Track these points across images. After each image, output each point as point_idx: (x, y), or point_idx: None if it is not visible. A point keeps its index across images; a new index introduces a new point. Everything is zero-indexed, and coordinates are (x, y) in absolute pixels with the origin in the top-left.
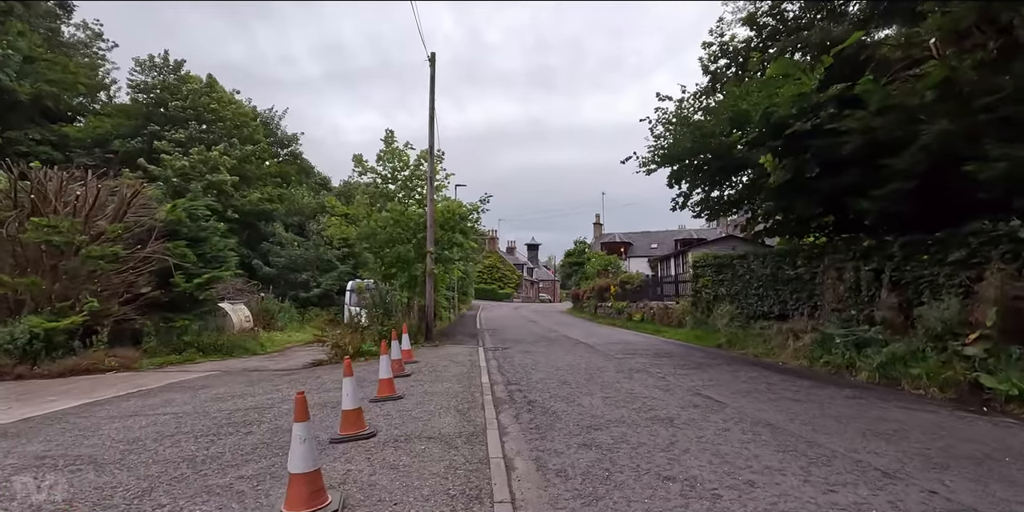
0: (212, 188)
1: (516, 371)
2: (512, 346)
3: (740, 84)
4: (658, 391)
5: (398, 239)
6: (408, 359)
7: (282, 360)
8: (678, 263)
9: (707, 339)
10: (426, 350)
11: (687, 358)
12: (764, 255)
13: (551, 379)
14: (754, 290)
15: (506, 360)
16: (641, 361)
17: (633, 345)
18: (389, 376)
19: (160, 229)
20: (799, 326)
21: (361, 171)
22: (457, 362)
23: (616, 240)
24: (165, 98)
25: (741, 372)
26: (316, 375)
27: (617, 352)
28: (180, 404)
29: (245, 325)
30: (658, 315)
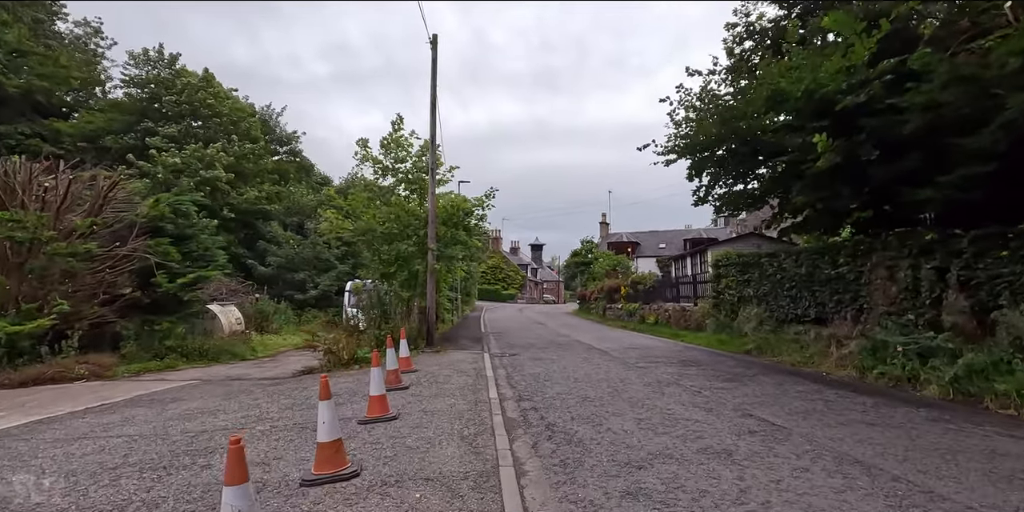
0: (206, 185)
1: (528, 383)
2: (520, 352)
3: (775, 62)
4: (699, 411)
5: (398, 235)
6: (406, 368)
7: (271, 367)
8: (695, 262)
9: (732, 344)
10: (427, 357)
11: (718, 367)
12: (798, 253)
13: (570, 394)
14: (786, 291)
15: (515, 369)
16: (668, 371)
17: (653, 351)
18: (381, 392)
19: (142, 225)
20: (842, 331)
21: (363, 157)
22: (461, 371)
23: (623, 240)
24: (159, 93)
25: (786, 385)
26: (303, 386)
27: (637, 359)
28: (140, 423)
29: (236, 328)
30: (674, 318)
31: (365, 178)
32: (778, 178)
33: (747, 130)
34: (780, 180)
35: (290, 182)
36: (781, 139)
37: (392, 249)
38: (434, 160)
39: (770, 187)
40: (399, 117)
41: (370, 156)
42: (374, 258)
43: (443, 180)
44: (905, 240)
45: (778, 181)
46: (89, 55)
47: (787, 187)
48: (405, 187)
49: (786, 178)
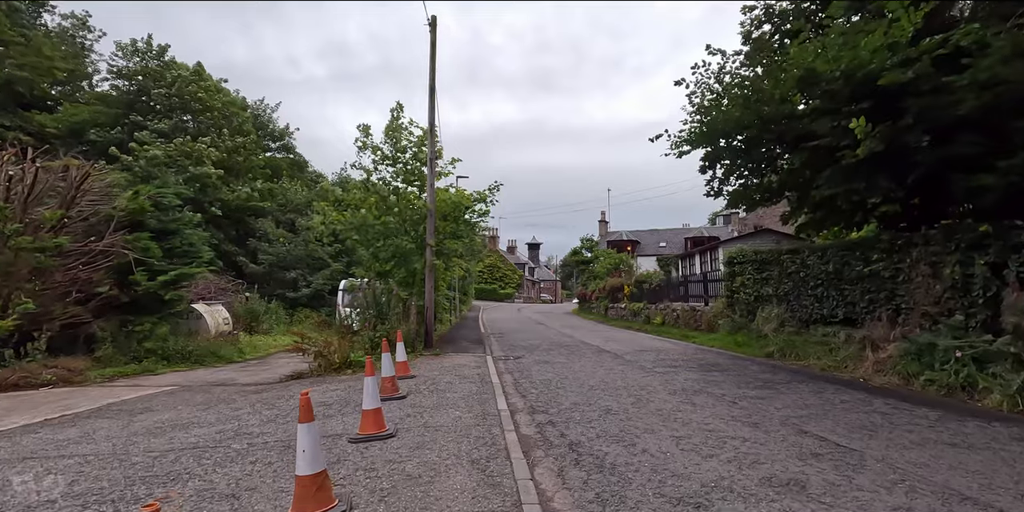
0: (195, 181)
1: (539, 391)
2: (525, 355)
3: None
4: (744, 427)
5: (396, 231)
6: (403, 373)
7: (259, 370)
8: (704, 260)
9: (751, 347)
10: (425, 360)
11: (744, 373)
12: (824, 249)
13: (589, 405)
14: (810, 290)
15: (522, 374)
16: (690, 376)
17: (667, 354)
18: (376, 406)
19: (121, 219)
20: (877, 333)
21: (363, 145)
22: (463, 377)
23: (623, 238)
24: (148, 85)
25: (827, 394)
26: (291, 393)
27: (653, 363)
28: (101, 439)
29: (223, 328)
30: (683, 318)
31: (364, 166)
32: (802, 168)
33: (772, 114)
34: (805, 170)
35: (283, 178)
36: (810, 125)
37: (389, 245)
38: (433, 150)
39: (789, 179)
40: (399, 104)
41: (370, 144)
42: (370, 255)
43: (444, 172)
44: (952, 234)
45: (801, 172)
46: (76, 48)
47: (812, 178)
48: (404, 178)
49: (813, 168)
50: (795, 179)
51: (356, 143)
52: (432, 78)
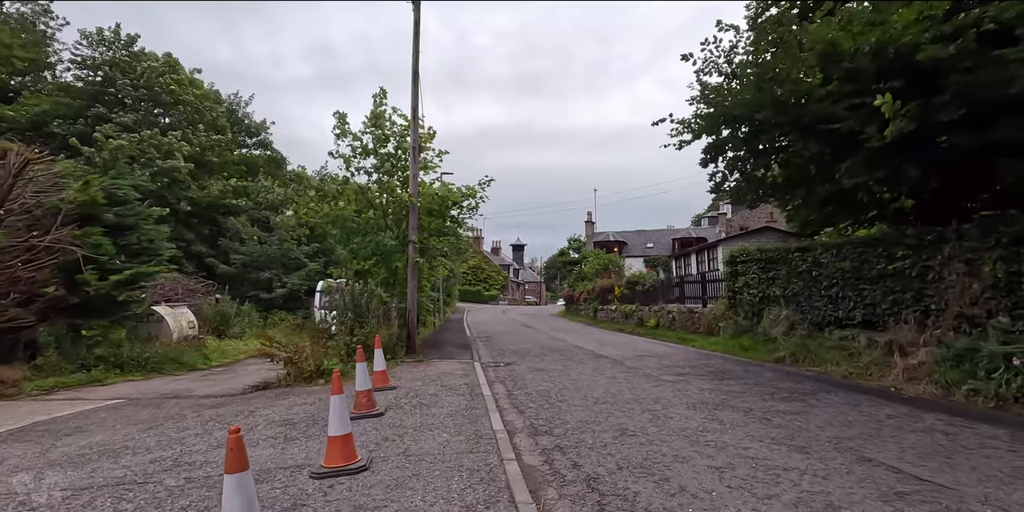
0: (163, 176)
1: (538, 405)
2: (516, 361)
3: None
4: (792, 452)
5: (376, 227)
6: (382, 384)
7: (222, 379)
8: (701, 260)
9: (759, 351)
10: (407, 368)
11: (761, 381)
12: (839, 246)
13: (599, 423)
14: (824, 290)
15: (516, 384)
16: (704, 386)
17: (670, 359)
18: (344, 431)
19: (70, 212)
20: (905, 337)
21: (341, 132)
22: (450, 388)
23: (610, 239)
24: (115, 76)
25: (864, 407)
26: (251, 408)
27: (658, 370)
28: (5, 472)
29: (188, 332)
30: (680, 320)
31: (343, 154)
32: (814, 159)
33: (787, 95)
34: (818, 160)
35: (259, 176)
36: (830, 106)
37: (369, 241)
38: (416, 138)
39: (797, 173)
40: (382, 90)
41: (349, 131)
42: (348, 253)
43: (431, 166)
44: (992, 227)
45: (810, 163)
46: (38, 35)
47: (826, 168)
48: (386, 170)
49: (831, 155)
50: (802, 172)
51: (334, 131)
52: (415, 60)
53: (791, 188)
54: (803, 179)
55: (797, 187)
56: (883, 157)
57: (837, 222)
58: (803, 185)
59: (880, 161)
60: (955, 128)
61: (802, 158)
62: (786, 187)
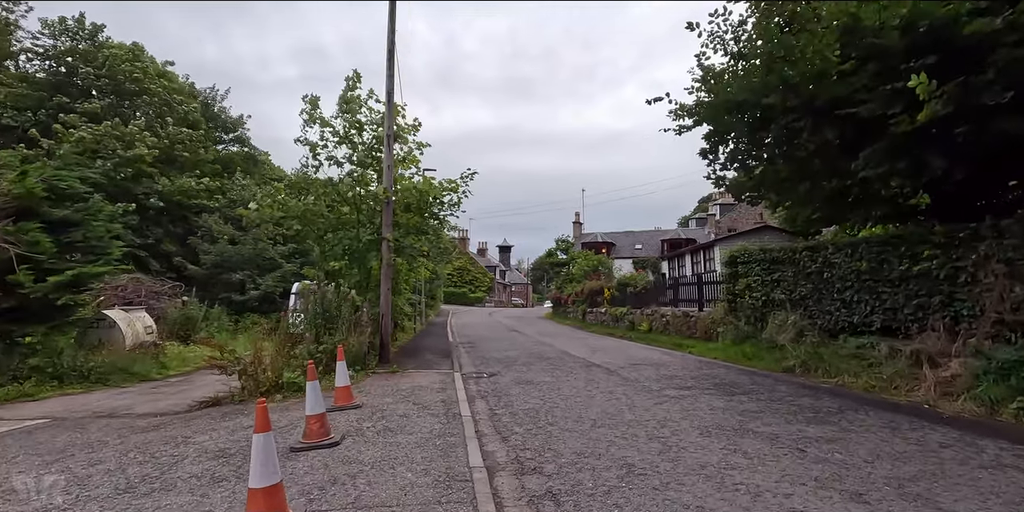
0: (126, 167)
1: (525, 429)
2: (501, 371)
3: None
4: (852, 504)
5: (348, 222)
6: (344, 402)
7: (172, 392)
8: (696, 260)
9: (763, 359)
10: (378, 380)
11: (776, 396)
12: (854, 245)
13: (599, 455)
14: (836, 293)
15: (500, 400)
16: (715, 404)
17: (668, 368)
18: (270, 482)
19: (6, 206)
20: (934, 346)
21: (310, 118)
22: (423, 406)
23: (598, 240)
24: (77, 66)
25: (905, 431)
26: (189, 433)
27: (658, 382)
28: None
29: (145, 338)
30: (674, 324)
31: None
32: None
33: (802, 79)
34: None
35: (236, 174)
36: (846, 89)
37: (340, 239)
38: (392, 125)
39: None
40: (355, 74)
41: (318, 116)
42: (319, 252)
43: (411, 159)
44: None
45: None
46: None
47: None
48: (360, 161)
49: (842, 146)
50: (807, 166)
51: (301, 115)
52: (391, 35)
53: (796, 182)
54: (808, 173)
55: (801, 181)
56: (908, 145)
57: (843, 220)
58: (808, 179)
59: (903, 150)
60: (999, 112)
61: (807, 151)
62: (791, 181)
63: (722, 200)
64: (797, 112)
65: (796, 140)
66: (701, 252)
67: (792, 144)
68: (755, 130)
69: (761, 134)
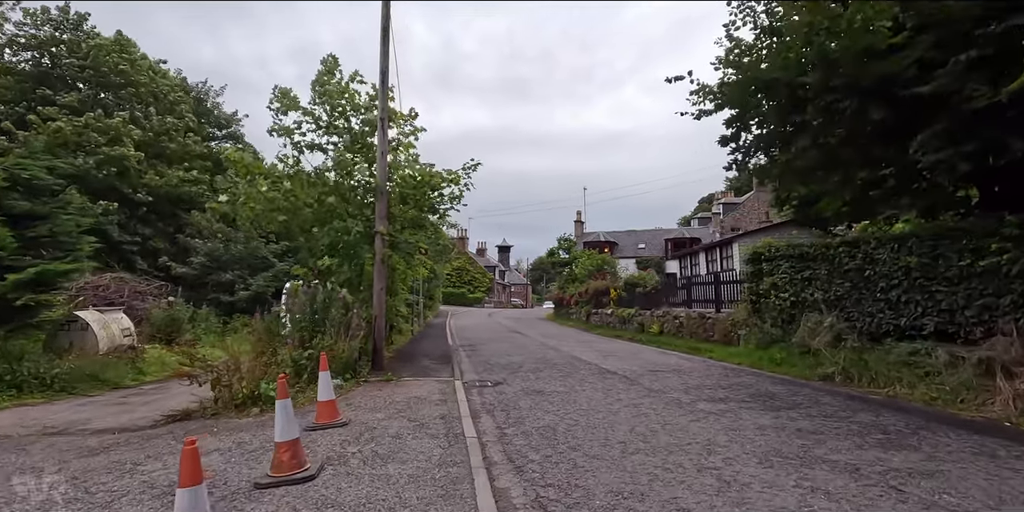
0: (109, 164)
1: (542, 455)
2: (507, 378)
3: None
4: None
5: (336, 213)
6: (328, 419)
7: (140, 403)
8: (711, 259)
9: (795, 365)
10: (370, 391)
11: (828, 411)
12: (902, 238)
13: (640, 494)
14: (880, 293)
15: (509, 416)
16: (760, 421)
17: (692, 376)
18: None
19: None
20: (1006, 353)
21: (283, 107)
22: (420, 424)
23: (600, 239)
24: (61, 56)
25: (1010, 461)
26: (139, 457)
27: (686, 393)
28: None
29: (122, 341)
30: (688, 327)
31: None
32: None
33: (846, 51)
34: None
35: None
36: (899, 65)
37: (329, 232)
38: (385, 107)
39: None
40: (332, 57)
41: (295, 103)
42: (305, 248)
43: (406, 144)
44: None
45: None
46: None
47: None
48: (345, 143)
49: (900, 125)
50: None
51: (270, 106)
52: (386, 8)
53: (828, 171)
54: (840, 161)
55: (833, 170)
56: (976, 125)
57: (874, 213)
58: (840, 167)
59: (969, 131)
60: None
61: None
62: (823, 169)
63: (725, 199)
64: (838, 92)
65: (835, 123)
66: (718, 249)
67: (828, 128)
68: (786, 113)
69: (793, 117)
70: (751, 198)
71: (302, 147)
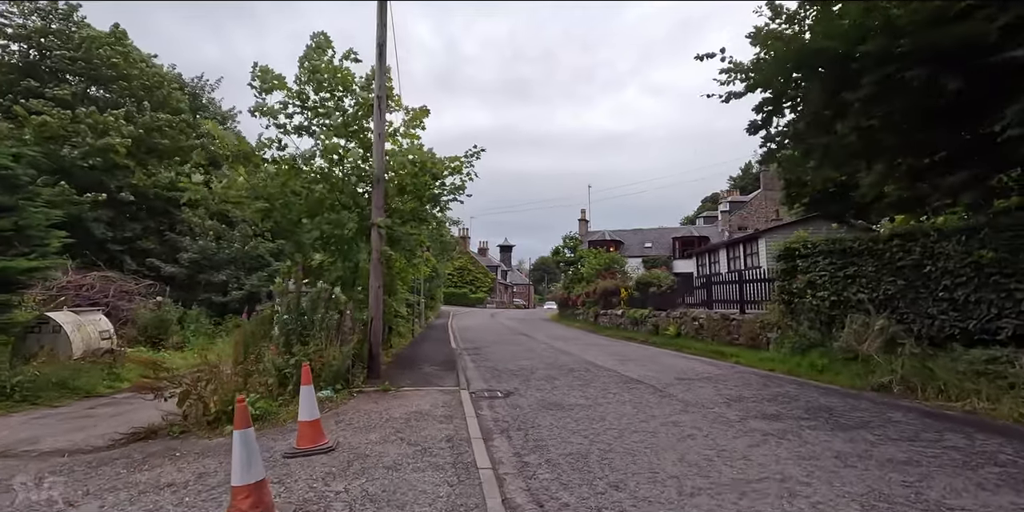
0: (95, 156)
1: (578, 498)
2: (519, 388)
3: None
4: None
5: (327, 205)
6: (311, 444)
7: (105, 416)
8: (733, 256)
9: (840, 373)
10: (364, 404)
11: (905, 432)
12: (971, 230)
13: None
14: (942, 291)
15: (528, 439)
16: (833, 445)
17: (727, 385)
18: None
19: None
20: None
21: (265, 86)
22: (422, 449)
23: (605, 238)
24: (51, 47)
25: None
26: (77, 494)
27: (727, 406)
28: None
29: (99, 345)
30: (709, 329)
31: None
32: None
33: (912, 15)
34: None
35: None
36: (980, 28)
37: (317, 224)
38: (383, 83)
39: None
40: (323, 35)
41: (280, 82)
42: (292, 243)
43: (407, 133)
44: None
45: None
46: None
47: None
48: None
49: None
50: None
51: (253, 82)
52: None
53: (875, 156)
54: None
55: (879, 156)
56: None
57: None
58: (886, 153)
59: None
60: None
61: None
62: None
63: (732, 198)
64: (904, 61)
65: (893, 99)
66: (741, 246)
67: (884, 105)
68: (831, 91)
69: (841, 95)
70: (758, 196)
71: (288, 130)
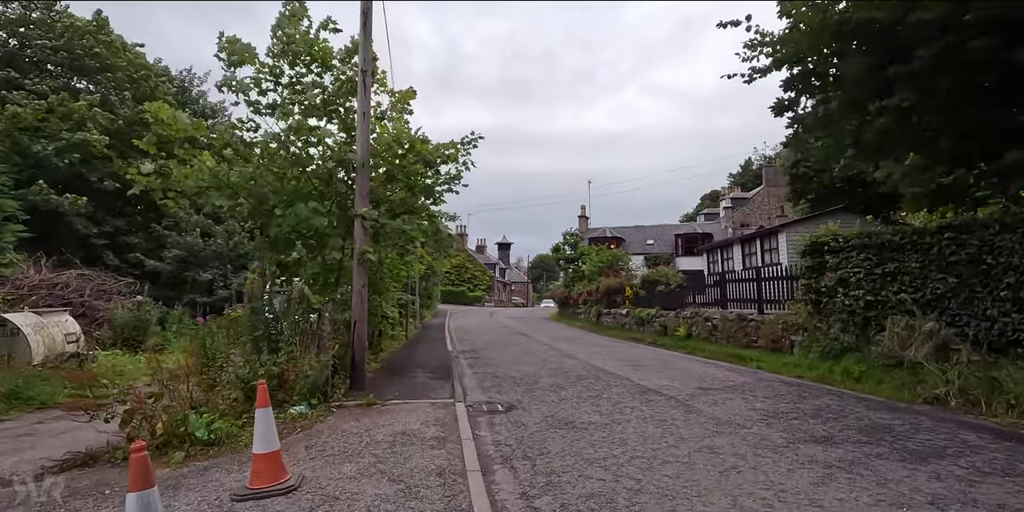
0: (72, 151)
1: None
2: (522, 399)
3: None
4: None
5: (301, 193)
6: (267, 482)
7: (51, 433)
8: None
9: (881, 383)
10: (343, 421)
11: (994, 462)
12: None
13: None
14: (1003, 291)
15: (537, 471)
16: (920, 484)
17: (757, 396)
18: None
19: None
20: None
21: (233, 59)
22: (405, 487)
23: (606, 235)
24: (32, 36)
25: None
26: None
27: (768, 426)
28: None
29: (64, 349)
30: (724, 330)
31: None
32: None
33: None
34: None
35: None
36: None
37: (289, 215)
38: (368, 55)
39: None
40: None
41: (251, 55)
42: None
43: (394, 117)
44: None
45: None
46: None
47: None
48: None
49: None
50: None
51: (219, 53)
52: None
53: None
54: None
55: (919, 139)
56: None
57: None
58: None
59: None
60: None
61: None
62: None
63: (733, 195)
64: (970, 30)
65: (952, 74)
66: (757, 241)
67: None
68: (874, 67)
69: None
70: (760, 193)
71: (260, 109)
